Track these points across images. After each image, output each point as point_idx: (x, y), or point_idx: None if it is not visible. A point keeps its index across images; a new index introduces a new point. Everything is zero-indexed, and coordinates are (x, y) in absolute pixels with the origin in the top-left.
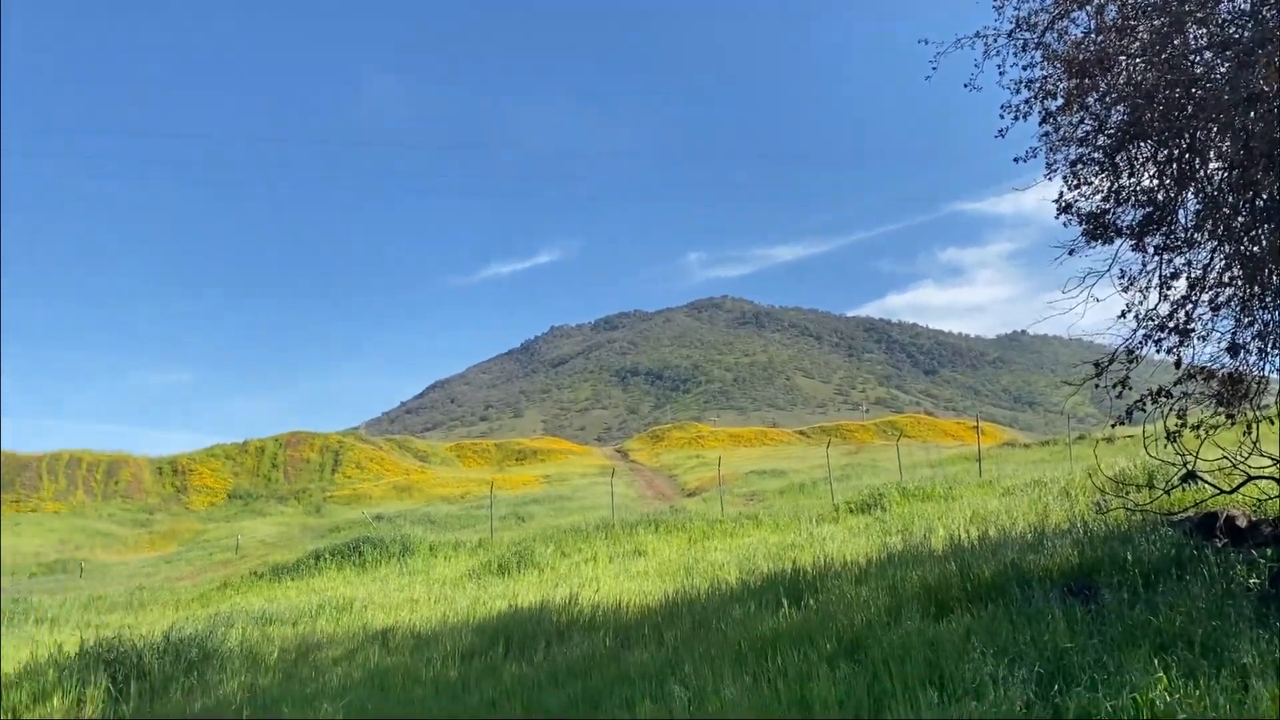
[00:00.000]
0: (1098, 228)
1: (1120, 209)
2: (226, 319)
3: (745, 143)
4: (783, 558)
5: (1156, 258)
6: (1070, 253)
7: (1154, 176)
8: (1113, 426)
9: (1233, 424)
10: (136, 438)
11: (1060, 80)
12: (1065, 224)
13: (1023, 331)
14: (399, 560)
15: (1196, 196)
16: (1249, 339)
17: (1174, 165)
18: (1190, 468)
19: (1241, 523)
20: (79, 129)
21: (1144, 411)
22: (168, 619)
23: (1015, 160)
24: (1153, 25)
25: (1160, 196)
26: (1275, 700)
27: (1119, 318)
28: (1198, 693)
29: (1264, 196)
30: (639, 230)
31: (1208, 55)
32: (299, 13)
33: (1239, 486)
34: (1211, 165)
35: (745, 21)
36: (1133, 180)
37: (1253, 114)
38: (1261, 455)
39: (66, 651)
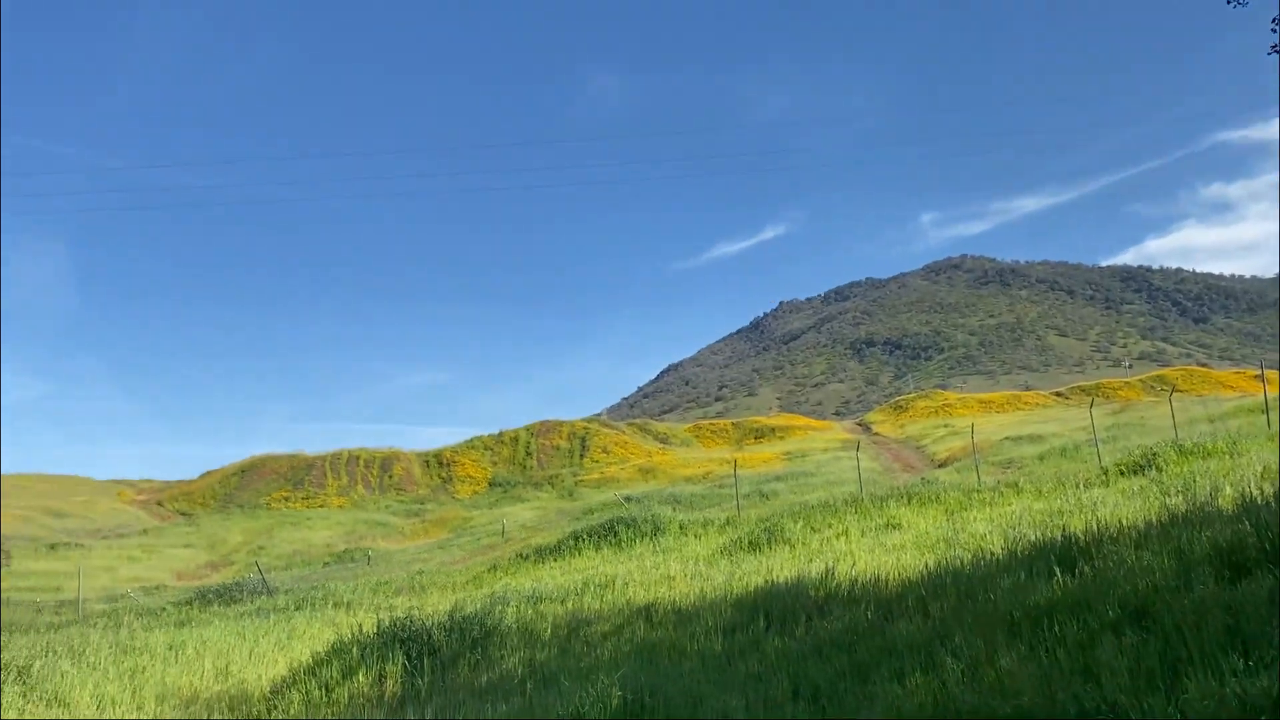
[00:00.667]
0: None
1: None
2: (478, 323)
3: (974, 91)
4: (1050, 525)
5: None
6: None
7: None
8: None
9: None
10: (405, 434)
11: None
12: None
13: None
14: (651, 539)
15: None
16: None
17: None
18: None
19: None
20: (331, 150)
21: None
22: (448, 600)
23: None
24: None
25: None
26: None
27: None
28: None
29: None
30: (866, 195)
31: None
32: (517, 15)
33: None
34: None
35: None
36: None
37: None
38: None
39: (366, 631)
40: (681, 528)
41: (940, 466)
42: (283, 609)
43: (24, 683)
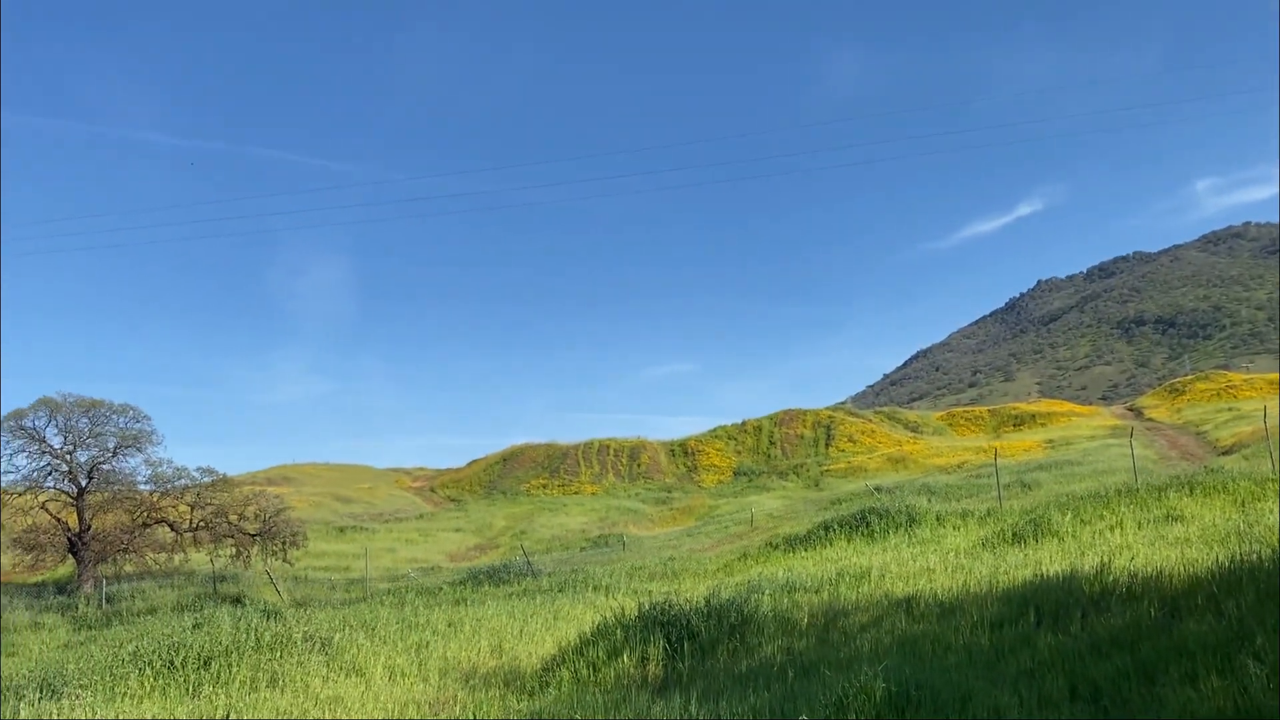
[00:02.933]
0: None
1: None
2: (721, 314)
3: (1250, 44)
4: None
5: None
6: None
7: None
8: None
9: None
10: (651, 424)
11: None
12: None
13: None
14: (906, 530)
15: None
16: None
17: None
18: None
19: None
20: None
21: None
22: (701, 587)
23: None
24: None
25: None
26: None
27: None
28: None
29: None
30: (1131, 164)
31: None
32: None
33: None
34: None
35: None
36: None
37: None
38: None
39: (628, 614)
40: (938, 519)
41: (1225, 454)
42: (546, 591)
43: (326, 653)
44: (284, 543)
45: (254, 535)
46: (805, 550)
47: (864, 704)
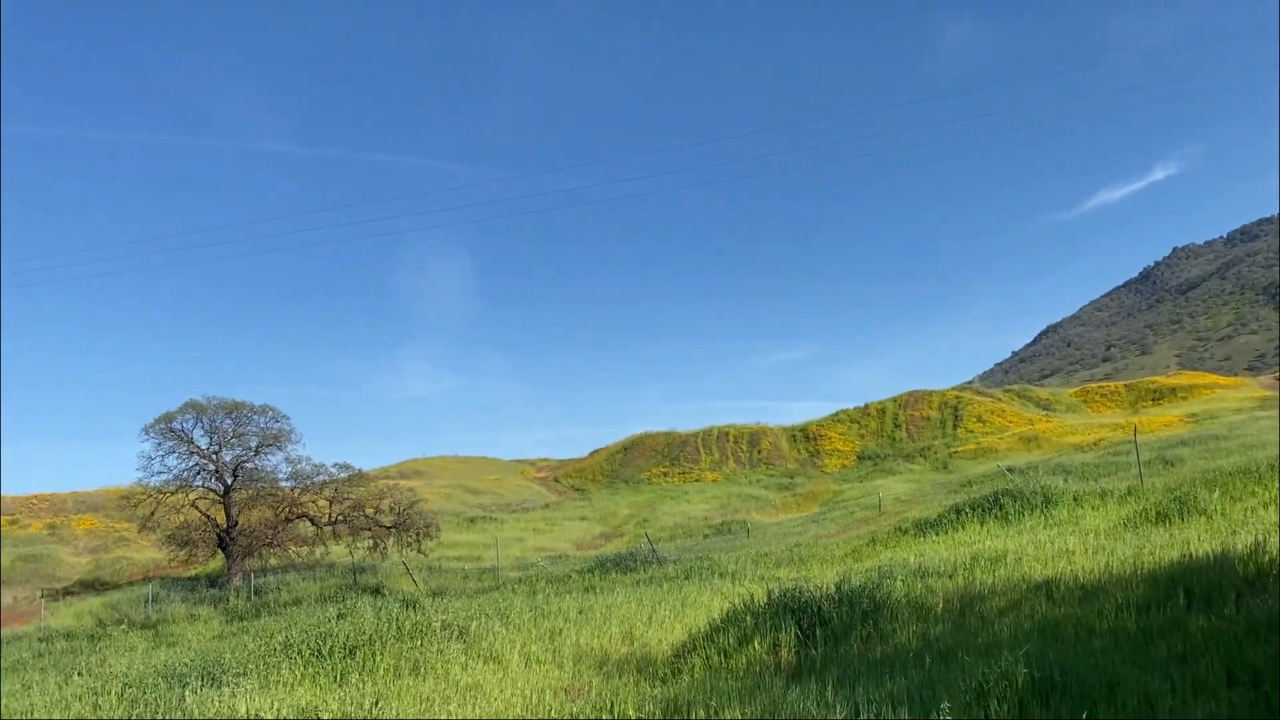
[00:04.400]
0: None
1: None
2: (840, 296)
3: None
4: None
5: None
6: None
7: None
8: None
9: None
10: (771, 410)
11: None
12: None
13: None
14: (1042, 512)
15: None
16: None
17: None
18: None
19: None
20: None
21: None
22: (828, 573)
23: None
24: None
25: None
26: None
27: None
28: None
29: None
30: (1272, 121)
31: None
32: None
33: None
34: None
35: None
36: None
37: None
38: None
39: (757, 601)
40: (1075, 499)
41: None
42: (673, 578)
43: (464, 641)
44: (418, 534)
45: (389, 527)
46: (936, 534)
47: (1006, 690)
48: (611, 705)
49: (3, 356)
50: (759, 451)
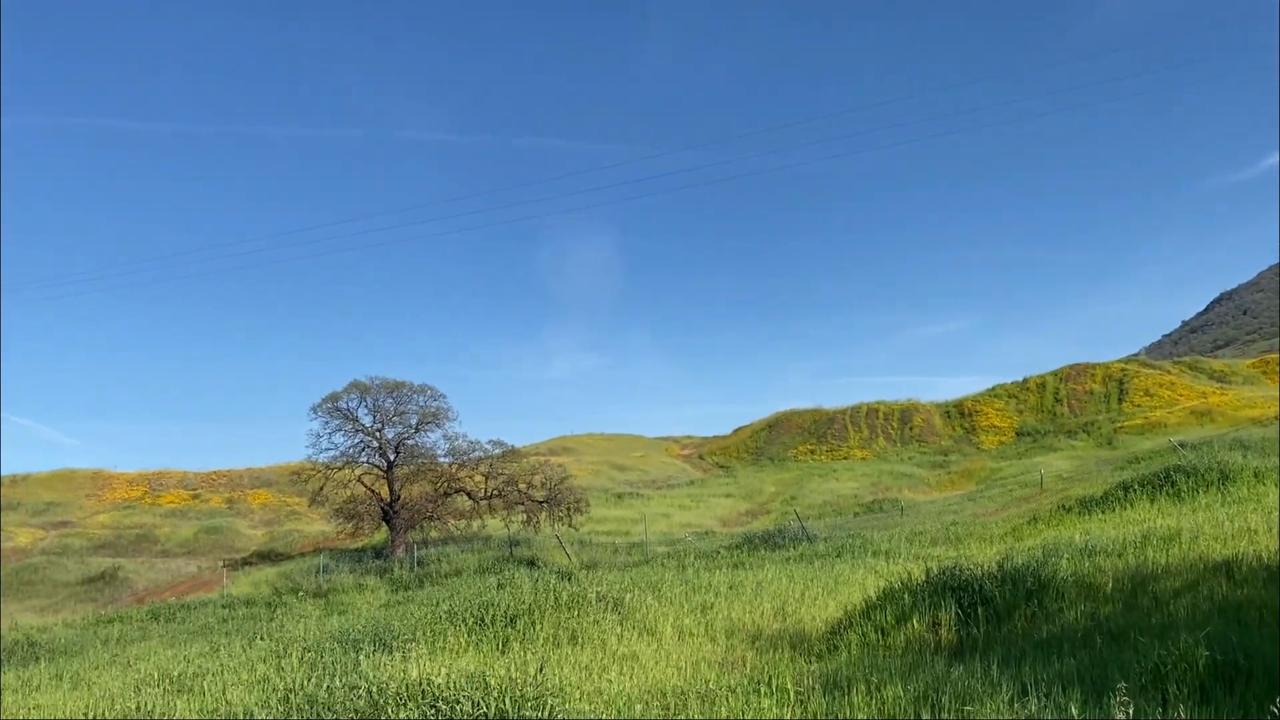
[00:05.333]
0: None
1: None
2: (997, 265)
3: None
4: None
5: None
6: None
7: None
8: None
9: None
10: (922, 385)
11: None
12: None
13: None
14: (1218, 489)
15: None
16: None
17: None
18: None
19: None
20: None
21: None
22: (987, 552)
23: None
24: None
25: None
26: None
27: None
28: None
29: None
30: None
31: None
32: None
33: None
34: None
35: None
36: None
37: None
38: None
39: (915, 579)
40: (1256, 475)
41: None
42: (824, 555)
43: (618, 612)
44: (568, 509)
45: (541, 502)
46: (1102, 512)
47: (1185, 672)
48: (770, 679)
49: (178, 343)
50: (910, 428)
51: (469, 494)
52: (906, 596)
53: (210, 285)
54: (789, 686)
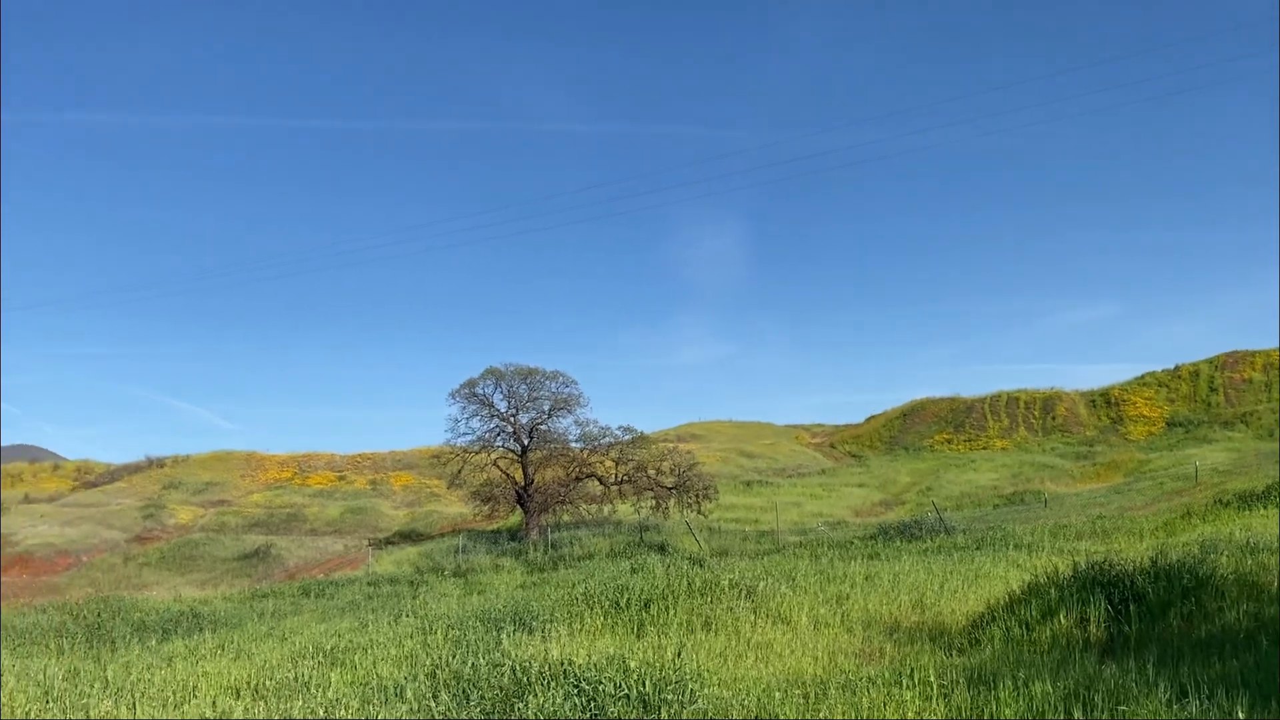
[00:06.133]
0: None
1: None
2: (1147, 249)
3: None
4: None
5: None
6: None
7: None
8: None
9: None
10: (1066, 373)
11: None
12: None
13: None
14: None
15: None
16: None
17: None
18: None
19: None
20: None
21: None
22: (1136, 547)
23: None
24: None
25: None
26: None
27: None
28: None
29: None
30: None
31: None
32: None
33: None
34: None
35: None
36: None
37: None
38: None
39: (1061, 573)
40: None
41: None
42: (963, 548)
43: (751, 600)
44: (697, 496)
45: (671, 488)
46: (1264, 508)
47: None
48: (912, 671)
49: (325, 330)
50: (1053, 418)
51: (599, 479)
52: (1052, 591)
53: (352, 275)
54: (932, 679)
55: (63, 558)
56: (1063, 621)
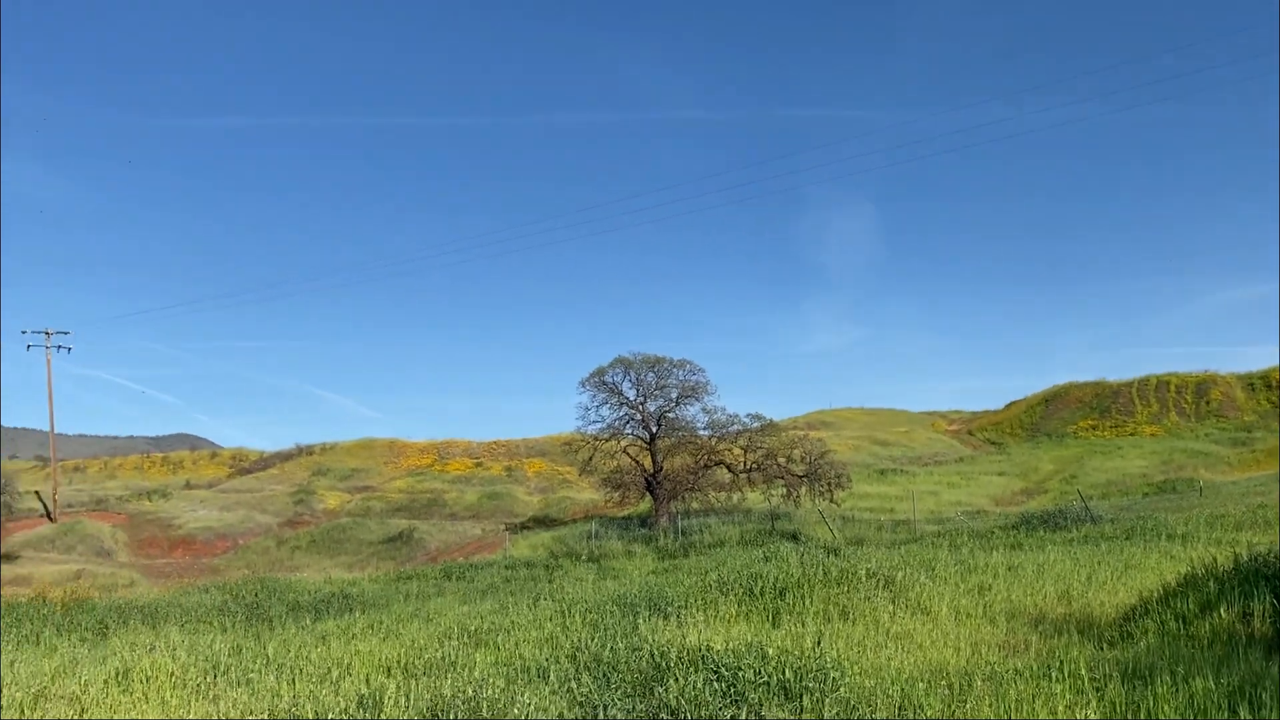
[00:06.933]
0: None
1: None
2: None
3: None
4: None
5: None
6: None
7: None
8: None
9: None
10: (1221, 356)
11: None
12: None
13: None
14: None
15: None
16: None
17: None
18: None
19: None
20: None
21: None
22: None
23: None
24: None
25: None
26: None
27: None
28: None
29: None
30: None
31: None
32: None
33: None
34: None
35: None
36: None
37: None
38: None
39: (1220, 566)
40: None
41: None
42: (1111, 538)
43: (890, 590)
44: (829, 484)
45: (801, 476)
46: None
47: None
48: (1061, 664)
49: (461, 322)
50: (1207, 402)
51: (728, 467)
52: (1211, 584)
53: (484, 268)
54: (1083, 672)
55: (221, 540)
56: (1223, 616)
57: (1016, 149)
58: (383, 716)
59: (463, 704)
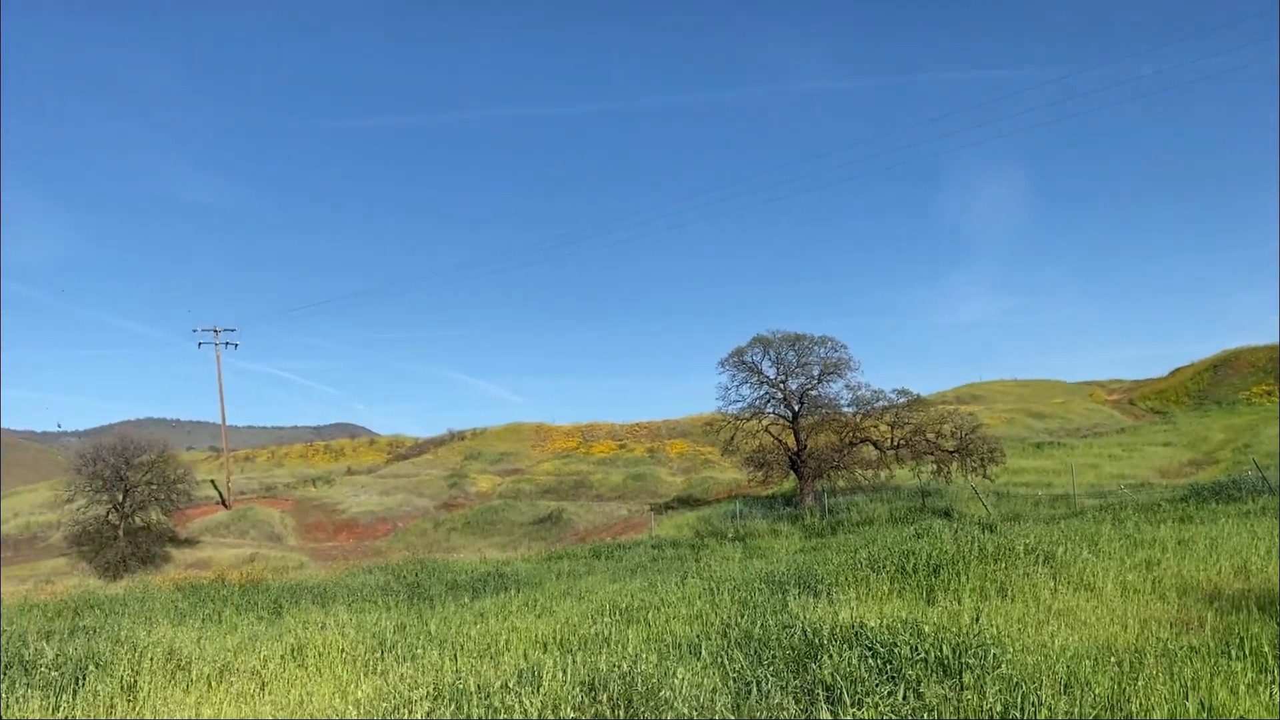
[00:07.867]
0: None
1: None
2: None
3: None
4: None
5: None
6: None
7: None
8: None
9: None
10: None
11: None
12: None
13: None
14: None
15: None
16: None
17: None
18: None
19: None
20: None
21: None
22: None
23: None
24: None
25: None
26: None
27: None
28: None
29: None
30: None
31: None
32: None
33: None
34: None
35: None
36: None
37: None
38: None
39: None
40: None
41: None
42: None
43: (1050, 566)
44: (982, 459)
45: (952, 452)
46: None
47: None
48: (1241, 641)
49: (604, 308)
50: None
51: (875, 444)
52: None
53: (624, 255)
54: (1265, 650)
55: (382, 524)
56: None
57: (1178, 99)
58: (542, 689)
59: (618, 678)
